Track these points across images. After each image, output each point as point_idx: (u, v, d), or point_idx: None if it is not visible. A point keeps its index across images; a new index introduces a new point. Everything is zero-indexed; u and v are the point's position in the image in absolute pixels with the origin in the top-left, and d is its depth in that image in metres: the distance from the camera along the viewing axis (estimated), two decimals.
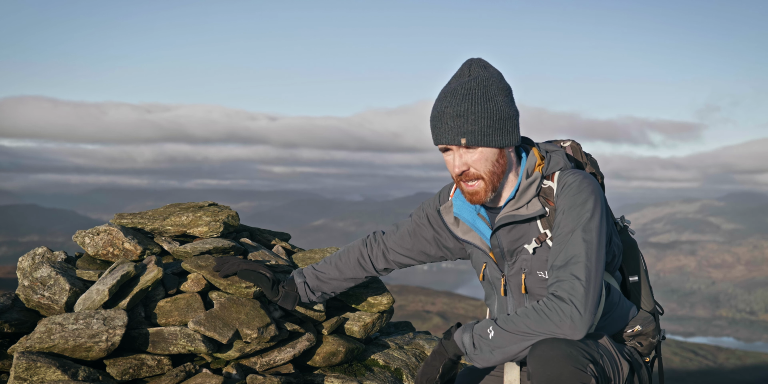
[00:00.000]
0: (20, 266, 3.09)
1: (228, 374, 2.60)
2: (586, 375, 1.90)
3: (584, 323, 1.96)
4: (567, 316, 1.96)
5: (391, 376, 2.97)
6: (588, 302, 1.97)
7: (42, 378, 2.32)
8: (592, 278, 2.00)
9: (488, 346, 2.02)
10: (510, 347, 2.01)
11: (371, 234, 2.71)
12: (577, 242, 2.04)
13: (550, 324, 1.97)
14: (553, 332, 1.97)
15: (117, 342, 2.47)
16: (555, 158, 2.22)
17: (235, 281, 2.81)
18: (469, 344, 2.06)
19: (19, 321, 2.68)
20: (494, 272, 2.30)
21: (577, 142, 2.39)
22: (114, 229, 3.04)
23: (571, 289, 1.98)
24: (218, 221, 3.22)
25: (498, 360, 2.03)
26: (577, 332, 1.96)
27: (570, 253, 2.04)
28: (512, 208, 2.18)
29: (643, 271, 2.38)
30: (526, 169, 2.19)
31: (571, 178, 2.14)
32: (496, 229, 2.22)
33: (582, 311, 1.96)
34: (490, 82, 2.07)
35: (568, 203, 2.10)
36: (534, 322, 1.99)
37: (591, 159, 2.39)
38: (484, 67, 2.12)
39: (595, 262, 2.02)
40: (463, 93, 2.06)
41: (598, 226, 2.07)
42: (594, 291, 1.99)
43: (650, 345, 2.29)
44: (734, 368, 54.70)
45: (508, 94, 2.10)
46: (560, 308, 1.97)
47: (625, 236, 2.39)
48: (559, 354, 1.91)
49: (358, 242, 2.71)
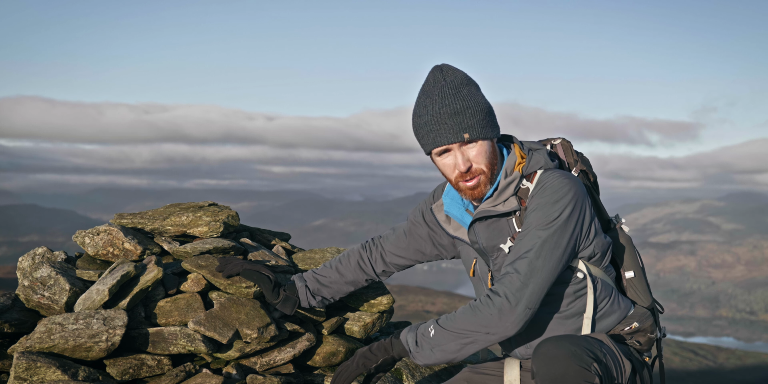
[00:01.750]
0: (20, 266, 3.09)
1: (228, 374, 2.60)
2: (590, 373, 1.90)
3: (515, 316, 1.97)
4: (496, 308, 1.98)
5: (391, 376, 2.97)
6: (522, 296, 1.98)
7: (42, 378, 2.32)
8: (534, 273, 2.01)
9: (428, 344, 2.08)
10: (448, 345, 2.05)
11: (369, 239, 2.75)
12: (530, 239, 2.07)
13: (480, 318, 2.00)
14: (484, 326, 2.00)
15: (117, 342, 2.47)
16: (536, 157, 2.22)
17: (236, 281, 2.81)
18: (412, 342, 2.12)
19: (19, 321, 2.68)
20: (483, 267, 2.32)
21: (567, 140, 2.40)
22: (114, 229, 3.04)
23: (508, 282, 2.02)
24: (218, 221, 3.22)
25: (438, 358, 2.08)
26: (506, 324, 1.98)
27: (522, 249, 2.07)
28: (489, 205, 2.21)
29: (640, 267, 2.39)
30: (505, 168, 2.20)
31: (550, 179, 2.15)
32: (473, 223, 2.25)
33: (513, 303, 1.97)
34: (468, 81, 2.16)
35: (538, 203, 2.12)
36: (467, 318, 2.03)
37: (582, 157, 2.39)
38: (454, 69, 2.19)
39: (544, 257, 2.04)
40: (453, 93, 2.11)
41: (562, 225, 2.07)
42: (534, 286, 2.00)
43: (649, 341, 2.29)
44: (734, 368, 54.70)
45: (480, 90, 2.21)
46: (492, 302, 2.01)
47: (618, 233, 2.40)
48: (564, 352, 1.91)
49: (357, 247, 2.76)
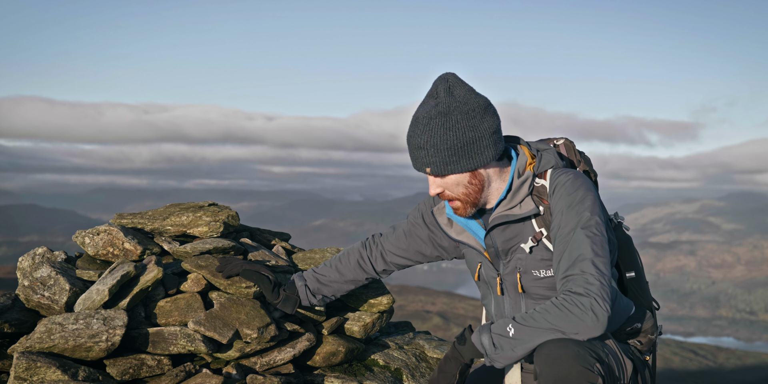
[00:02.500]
0: (20, 266, 3.09)
1: (228, 374, 2.60)
2: (593, 374, 1.90)
3: (605, 315, 1.93)
4: (588, 308, 1.93)
5: (391, 376, 2.97)
6: (605, 294, 1.95)
7: (42, 378, 2.32)
8: (602, 272, 1.99)
9: (509, 344, 1.99)
10: (532, 342, 1.98)
11: (370, 237, 2.74)
12: (580, 240, 2.04)
13: (572, 317, 1.94)
14: (575, 325, 1.94)
15: (117, 342, 2.47)
16: (546, 156, 2.22)
17: (235, 281, 2.81)
18: (488, 344, 2.02)
19: (19, 321, 2.68)
20: (490, 271, 2.30)
21: (570, 140, 2.40)
22: (114, 229, 3.04)
23: (586, 283, 1.96)
24: (218, 221, 3.22)
25: (518, 356, 2.01)
26: (600, 325, 1.93)
27: (576, 252, 2.03)
28: (505, 207, 2.18)
29: (639, 267, 2.39)
30: (518, 168, 2.19)
31: (563, 177, 2.15)
32: (490, 229, 2.22)
33: (602, 303, 1.93)
34: (452, 109, 2.06)
35: (566, 202, 2.10)
36: (555, 316, 1.96)
37: (584, 157, 2.39)
38: (449, 89, 2.10)
39: (602, 257, 2.02)
40: (425, 123, 2.07)
41: (598, 221, 2.07)
42: (607, 284, 1.97)
43: (649, 342, 2.29)
44: (734, 368, 54.69)
45: (476, 115, 2.07)
46: (580, 302, 1.94)
47: (620, 232, 2.39)
48: (567, 353, 1.90)
49: (357, 245, 2.74)
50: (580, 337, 1.96)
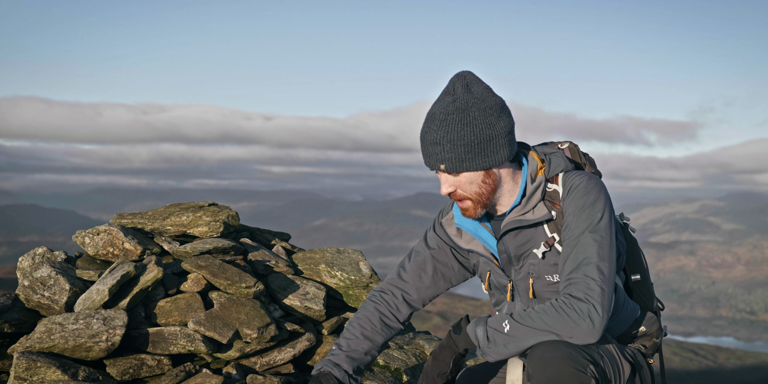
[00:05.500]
0: (20, 266, 3.09)
1: (228, 374, 2.60)
2: (586, 376, 1.89)
3: (602, 323, 1.93)
4: (585, 314, 1.93)
5: (391, 376, 2.97)
6: (604, 302, 1.95)
7: (42, 378, 2.32)
8: (605, 278, 1.98)
9: (503, 340, 2.00)
10: (526, 341, 1.98)
11: (374, 293, 2.44)
12: (587, 243, 2.03)
13: (568, 321, 1.94)
14: (570, 330, 1.94)
15: (117, 342, 2.47)
16: (555, 160, 2.20)
17: (236, 281, 2.81)
18: (482, 337, 2.02)
19: (19, 321, 2.68)
20: (500, 279, 2.28)
21: (574, 143, 2.39)
22: (114, 229, 3.04)
23: (587, 288, 1.96)
24: (218, 221, 3.22)
25: (509, 353, 2.01)
26: (595, 332, 1.94)
27: (581, 255, 2.02)
28: (518, 213, 2.16)
29: (645, 269, 2.37)
30: (530, 173, 2.17)
31: (577, 180, 2.13)
32: (503, 235, 2.20)
33: (600, 311, 1.93)
34: (470, 105, 2.03)
35: (578, 205, 2.08)
36: (552, 318, 1.96)
37: (589, 159, 2.38)
38: (467, 86, 2.07)
39: (607, 262, 2.01)
40: (441, 119, 2.04)
41: (607, 225, 2.06)
42: (608, 291, 1.97)
43: (654, 345, 2.28)
44: (734, 368, 54.71)
45: (493, 113, 2.05)
46: (579, 307, 1.94)
47: (625, 234, 2.38)
48: (559, 355, 1.90)
49: (368, 306, 2.42)
50: (574, 341, 1.96)
